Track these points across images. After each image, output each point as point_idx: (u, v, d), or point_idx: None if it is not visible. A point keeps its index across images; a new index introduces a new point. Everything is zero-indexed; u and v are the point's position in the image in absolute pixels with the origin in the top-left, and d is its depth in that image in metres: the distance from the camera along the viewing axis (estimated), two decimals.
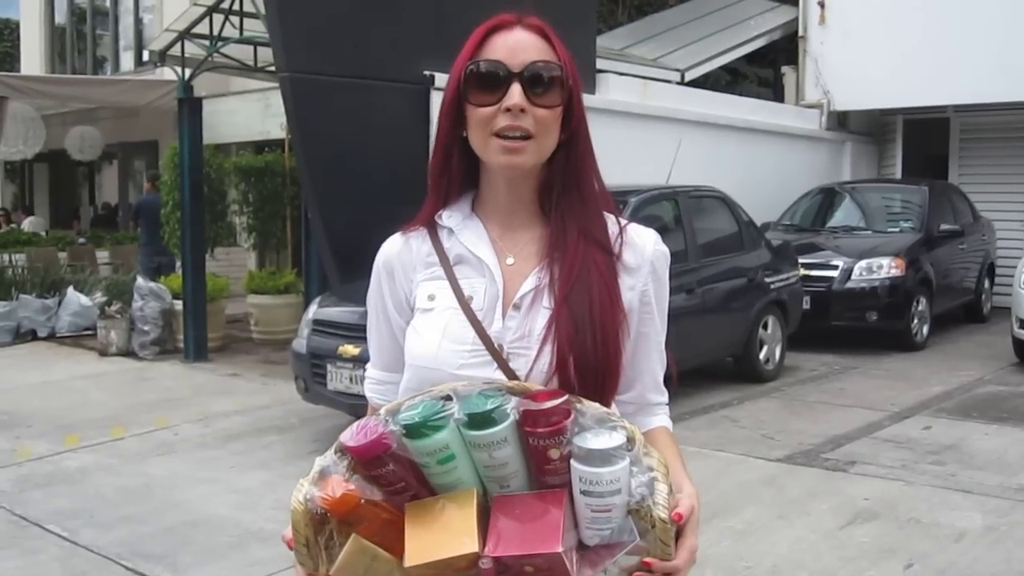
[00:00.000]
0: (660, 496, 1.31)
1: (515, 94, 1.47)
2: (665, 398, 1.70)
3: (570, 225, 1.54)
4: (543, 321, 1.49)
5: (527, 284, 1.53)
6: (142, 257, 12.12)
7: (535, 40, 1.52)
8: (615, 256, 1.56)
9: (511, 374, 1.46)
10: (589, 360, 1.46)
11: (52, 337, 11.29)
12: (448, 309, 1.53)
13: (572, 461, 1.31)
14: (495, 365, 1.48)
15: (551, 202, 1.56)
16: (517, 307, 1.52)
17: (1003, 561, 4.53)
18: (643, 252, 1.60)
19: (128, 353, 10.21)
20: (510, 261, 1.56)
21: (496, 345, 1.49)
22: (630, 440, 1.32)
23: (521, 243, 1.57)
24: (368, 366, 1.74)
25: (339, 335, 6.36)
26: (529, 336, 1.49)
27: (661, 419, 1.69)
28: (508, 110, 1.47)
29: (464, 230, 1.58)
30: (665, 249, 1.64)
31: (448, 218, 1.60)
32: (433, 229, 1.61)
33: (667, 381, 1.72)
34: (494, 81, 1.49)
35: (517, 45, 1.51)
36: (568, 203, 1.56)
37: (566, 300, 1.48)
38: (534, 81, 1.49)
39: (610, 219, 1.60)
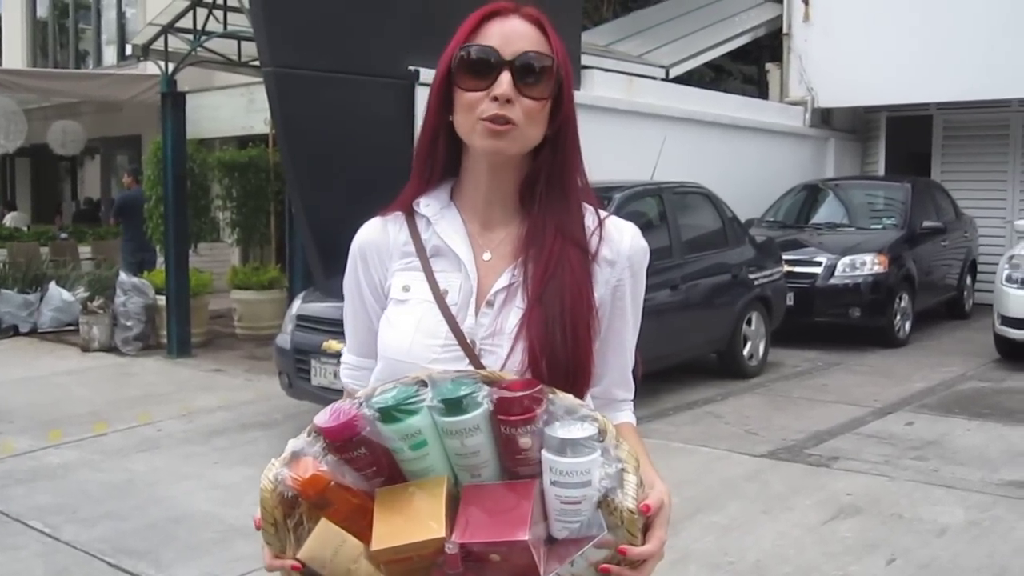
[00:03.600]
0: (629, 487, 1.31)
1: (504, 83, 1.46)
2: (631, 395, 1.70)
3: (548, 222, 1.53)
4: (515, 319, 1.49)
5: (500, 281, 1.52)
6: (124, 253, 12.05)
7: (531, 30, 1.51)
8: (591, 254, 1.55)
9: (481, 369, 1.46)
10: (560, 360, 1.46)
11: (34, 332, 11.22)
12: (423, 302, 1.53)
13: (543, 451, 1.32)
14: (467, 361, 1.48)
15: (532, 197, 1.55)
16: (490, 304, 1.51)
17: (985, 556, 4.56)
18: (620, 246, 1.59)
19: (111, 349, 10.16)
20: (487, 257, 1.55)
21: (469, 341, 1.49)
22: (601, 432, 1.33)
23: (498, 239, 1.57)
24: (344, 351, 1.73)
25: (323, 330, 6.34)
26: (500, 334, 1.49)
27: (626, 415, 1.68)
28: (495, 98, 1.46)
29: (441, 221, 1.57)
30: (644, 244, 1.63)
31: (426, 206, 1.59)
32: (411, 216, 1.60)
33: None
34: (485, 67, 1.48)
35: (512, 33, 1.49)
36: (549, 199, 1.55)
37: (539, 300, 1.48)
38: (525, 71, 1.48)
39: (589, 212, 1.59)
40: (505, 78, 1.46)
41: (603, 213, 1.60)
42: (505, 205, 1.58)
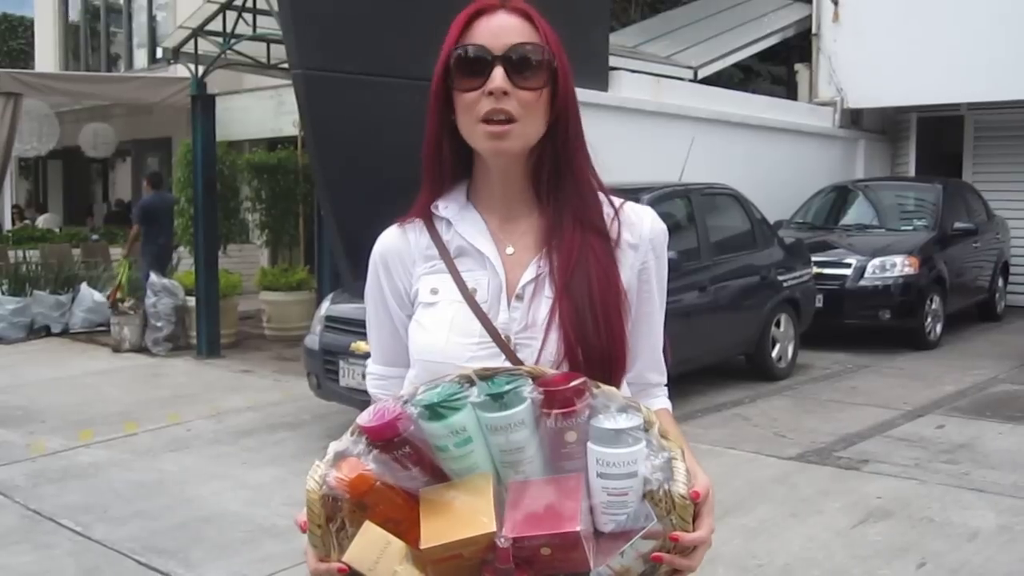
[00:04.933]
0: (679, 474, 1.32)
1: (497, 77, 1.47)
2: (664, 378, 1.70)
3: (565, 212, 1.54)
4: (546, 309, 1.49)
5: (527, 274, 1.53)
6: (144, 255, 12.08)
7: (518, 23, 1.51)
8: (612, 239, 1.56)
9: (519, 364, 1.46)
10: (593, 344, 1.46)
11: (66, 333, 11.36)
12: (453, 302, 1.53)
13: (589, 443, 1.32)
14: (503, 356, 1.48)
15: (544, 188, 1.56)
16: (520, 297, 1.52)
17: (1017, 560, 4.51)
18: (641, 229, 1.60)
19: (141, 349, 10.25)
20: (510, 251, 1.56)
21: (503, 336, 1.49)
22: (647, 423, 1.33)
23: (519, 233, 1.57)
24: (369, 362, 1.73)
25: (351, 331, 6.36)
26: (533, 325, 1.49)
27: (661, 400, 1.68)
28: (491, 94, 1.47)
29: (462, 221, 1.57)
30: (663, 226, 1.64)
31: (444, 209, 1.59)
32: (430, 220, 1.60)
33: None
34: (477, 65, 1.49)
35: (500, 29, 1.50)
36: (561, 188, 1.55)
37: (567, 287, 1.49)
38: (517, 63, 1.48)
39: (604, 200, 1.60)
40: (498, 73, 1.47)
41: (617, 201, 1.61)
42: (521, 199, 1.58)
